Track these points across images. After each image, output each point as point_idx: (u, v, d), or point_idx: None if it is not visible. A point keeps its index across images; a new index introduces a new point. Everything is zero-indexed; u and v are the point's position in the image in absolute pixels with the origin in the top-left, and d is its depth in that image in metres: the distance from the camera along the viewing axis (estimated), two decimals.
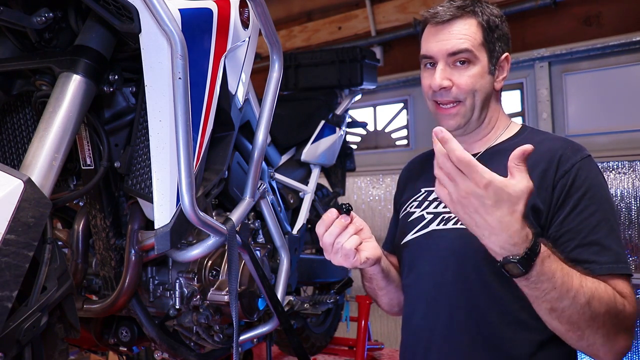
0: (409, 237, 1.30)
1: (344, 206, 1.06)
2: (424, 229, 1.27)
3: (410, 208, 1.35)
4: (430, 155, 1.44)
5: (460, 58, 1.20)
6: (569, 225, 1.07)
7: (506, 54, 1.26)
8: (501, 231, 0.87)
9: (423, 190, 1.36)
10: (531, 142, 1.16)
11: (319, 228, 1.07)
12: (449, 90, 1.21)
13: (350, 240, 1.06)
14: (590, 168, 1.12)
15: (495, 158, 1.23)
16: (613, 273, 1.02)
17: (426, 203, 1.32)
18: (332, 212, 1.06)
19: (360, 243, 1.10)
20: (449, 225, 1.21)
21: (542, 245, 0.92)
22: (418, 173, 1.44)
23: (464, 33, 1.20)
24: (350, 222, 1.09)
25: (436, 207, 1.28)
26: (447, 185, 0.91)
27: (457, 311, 1.16)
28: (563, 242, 1.07)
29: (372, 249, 1.13)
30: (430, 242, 1.23)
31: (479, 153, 1.27)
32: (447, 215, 1.23)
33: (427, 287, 1.23)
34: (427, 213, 1.29)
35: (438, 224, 1.24)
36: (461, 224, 1.13)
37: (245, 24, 1.33)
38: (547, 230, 1.09)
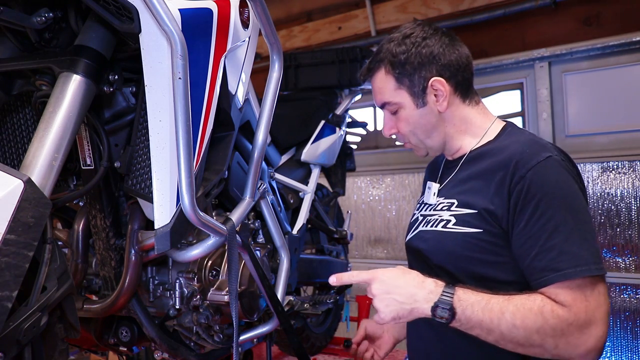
0: (408, 237, 1.38)
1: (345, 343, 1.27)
2: (415, 230, 1.34)
3: (415, 208, 1.44)
4: (437, 159, 1.50)
5: (388, 109, 1.32)
6: (530, 232, 1.08)
7: (432, 78, 1.25)
8: (414, 288, 1.08)
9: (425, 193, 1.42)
10: (498, 148, 1.25)
11: None
12: (397, 134, 1.34)
13: None
14: (547, 171, 1.11)
15: (474, 161, 1.28)
16: (569, 278, 1.03)
17: (422, 205, 1.39)
18: None
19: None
20: (428, 227, 1.27)
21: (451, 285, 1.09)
22: (426, 177, 1.51)
23: (379, 86, 1.32)
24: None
25: (425, 209, 1.35)
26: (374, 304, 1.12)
27: None
28: (526, 249, 1.09)
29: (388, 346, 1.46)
30: (419, 242, 1.30)
31: (463, 156, 1.31)
32: (430, 218, 1.29)
33: None
34: (420, 215, 1.36)
35: (424, 226, 1.30)
36: (443, 227, 1.23)
37: (245, 24, 1.33)
38: (510, 237, 1.12)
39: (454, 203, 1.23)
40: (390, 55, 1.27)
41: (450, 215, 1.21)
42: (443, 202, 1.27)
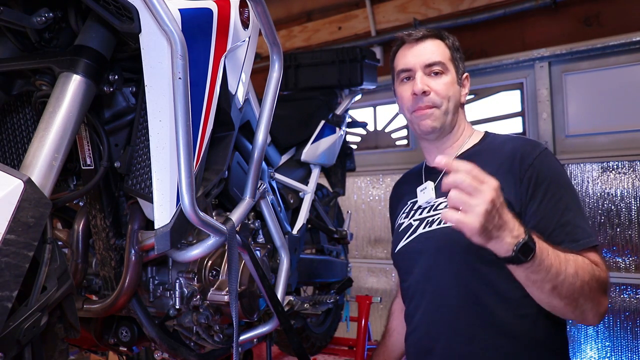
0: (401, 244, 1.43)
1: None
2: (412, 234, 1.40)
3: (400, 219, 1.50)
4: (411, 173, 1.66)
5: (435, 69, 1.41)
6: (544, 212, 1.23)
7: (466, 73, 1.49)
8: (511, 221, 0.99)
9: (409, 202, 1.50)
10: (494, 145, 1.41)
11: None
12: (427, 94, 1.39)
13: None
14: (550, 159, 1.30)
15: (468, 160, 1.39)
16: (587, 247, 1.20)
17: (412, 212, 1.46)
18: None
19: None
20: (434, 226, 1.35)
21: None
22: (403, 191, 1.59)
23: (435, 48, 1.43)
24: None
25: (421, 213, 1.42)
26: (469, 205, 0.93)
27: (455, 299, 1.29)
28: (543, 225, 1.22)
29: None
30: (420, 244, 1.37)
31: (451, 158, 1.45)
32: (430, 219, 1.37)
33: (424, 285, 1.36)
34: (414, 220, 1.43)
35: (424, 228, 1.37)
36: (444, 224, 1.31)
37: (245, 24, 1.33)
38: (524, 218, 1.24)
39: None
40: (450, 38, 1.47)
41: None
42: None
